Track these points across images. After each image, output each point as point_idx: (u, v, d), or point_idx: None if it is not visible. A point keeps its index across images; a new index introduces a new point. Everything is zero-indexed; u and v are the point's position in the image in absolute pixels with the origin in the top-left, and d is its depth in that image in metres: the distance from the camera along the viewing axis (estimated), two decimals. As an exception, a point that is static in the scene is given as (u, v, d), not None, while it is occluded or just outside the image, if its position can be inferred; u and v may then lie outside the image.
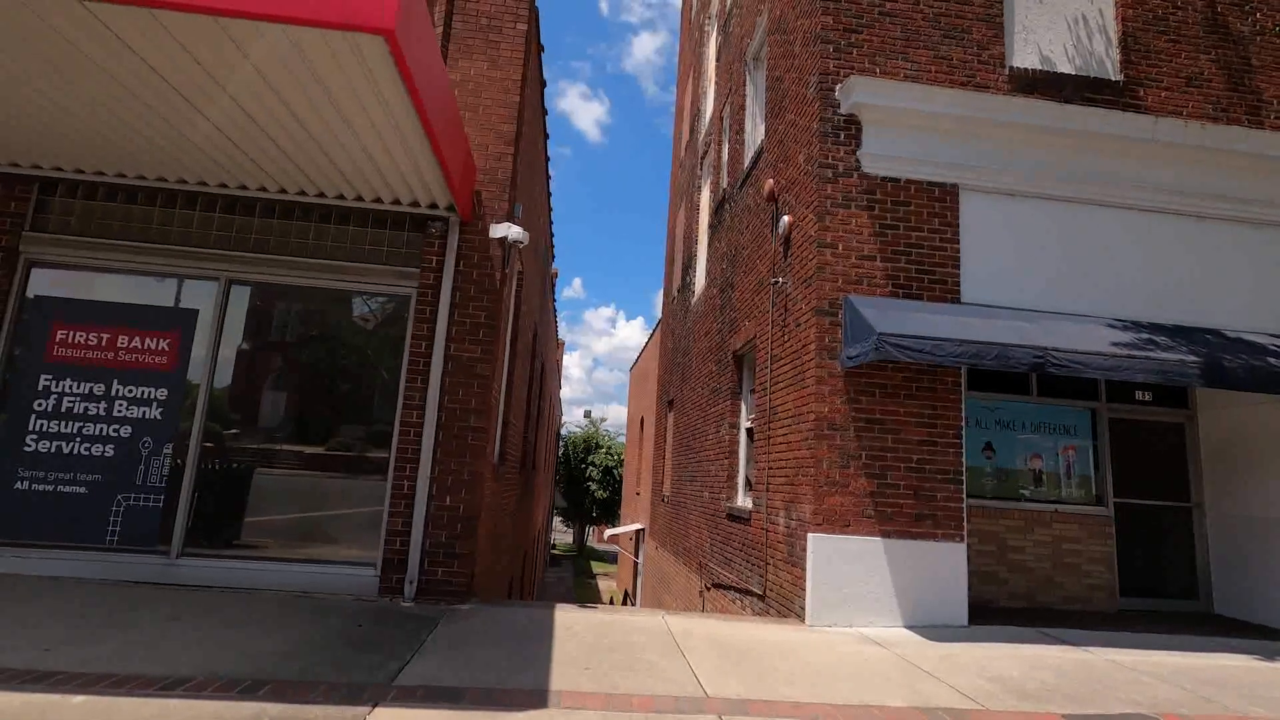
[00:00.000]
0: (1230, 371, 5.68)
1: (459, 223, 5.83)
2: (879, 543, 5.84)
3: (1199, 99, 6.99)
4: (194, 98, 4.20)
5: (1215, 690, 4.47)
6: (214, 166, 5.31)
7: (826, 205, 6.33)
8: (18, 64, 3.98)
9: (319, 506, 5.72)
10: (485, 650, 4.22)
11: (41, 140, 5.07)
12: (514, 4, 6.25)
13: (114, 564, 5.21)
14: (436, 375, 5.61)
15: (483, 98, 6.09)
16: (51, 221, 5.68)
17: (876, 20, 6.73)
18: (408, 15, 3.45)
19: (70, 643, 3.74)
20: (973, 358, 5.40)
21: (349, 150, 4.80)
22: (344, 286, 5.88)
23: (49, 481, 5.39)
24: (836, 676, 4.26)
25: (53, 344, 5.52)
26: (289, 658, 3.77)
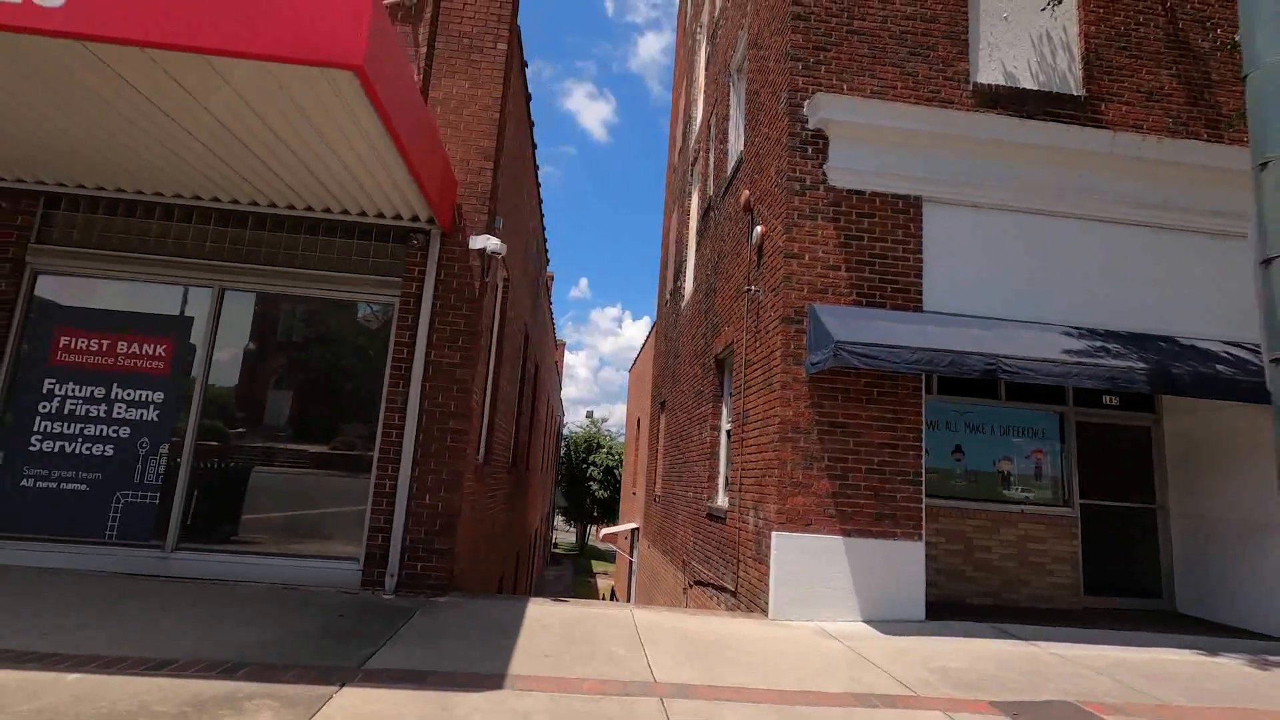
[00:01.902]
0: (1177, 378, 5.91)
1: (440, 235, 6.13)
2: (840, 541, 6.10)
3: (1159, 113, 7.22)
4: (184, 122, 4.51)
5: (1148, 682, 4.72)
6: (207, 182, 5.63)
7: (794, 217, 6.60)
8: (21, 91, 4.30)
9: (306, 504, 6.03)
10: (456, 640, 4.51)
11: (46, 158, 5.39)
12: (495, 25, 6.54)
13: (112, 557, 5.54)
14: (417, 380, 5.91)
15: (464, 114, 6.39)
16: (56, 233, 6.01)
17: (845, 38, 6.98)
18: (376, 50, 3.74)
19: (67, 629, 4.05)
20: (927, 364, 5.65)
21: (332, 169, 5.10)
22: (331, 295, 6.19)
23: (52, 479, 5.72)
24: (785, 666, 4.53)
25: (56, 349, 5.85)
26: (270, 644, 4.06)
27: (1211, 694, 4.51)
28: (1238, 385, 5.98)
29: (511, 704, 3.44)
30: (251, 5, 3.54)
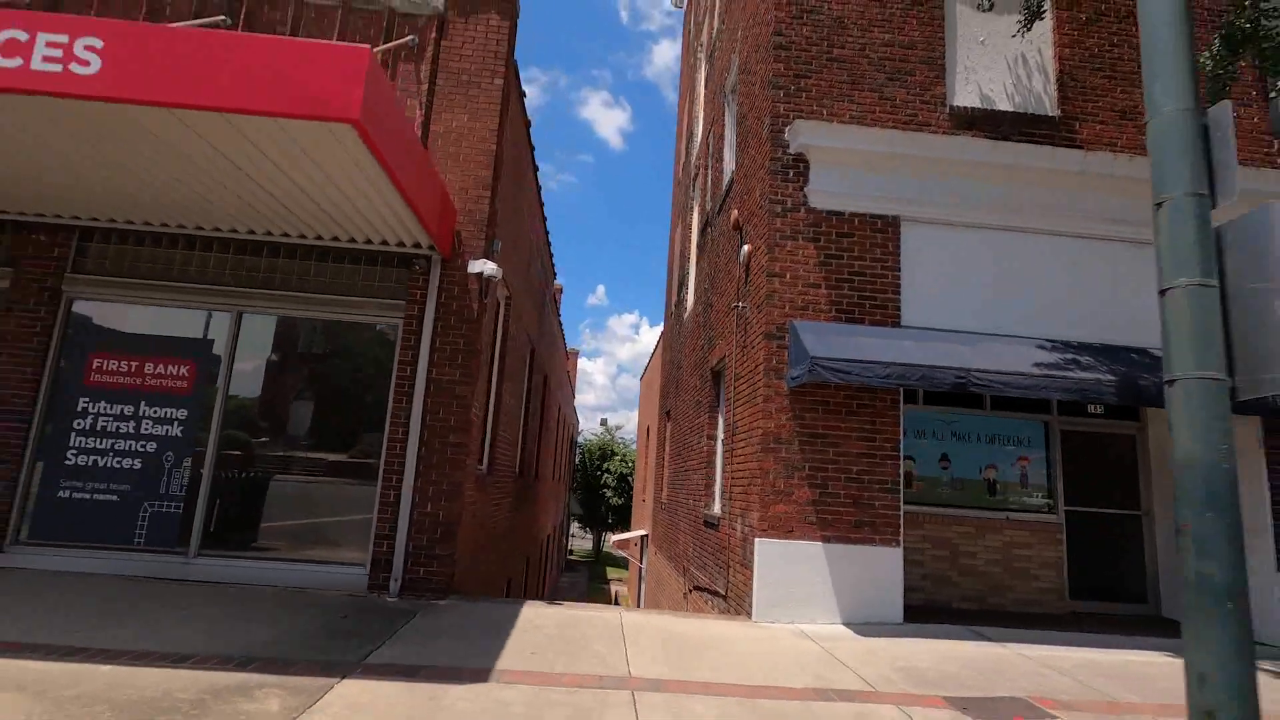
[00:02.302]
0: (1144, 389, 6.14)
1: (440, 260, 6.55)
2: (820, 547, 6.39)
3: (1133, 131, 7.45)
4: (205, 166, 4.97)
5: (1106, 681, 4.96)
6: (226, 216, 6.10)
7: (776, 238, 6.93)
8: (60, 143, 4.78)
9: (318, 512, 6.46)
10: (451, 639, 4.88)
11: (80, 196, 5.90)
12: (491, 62, 6.97)
13: (140, 562, 6.00)
14: (420, 396, 6.32)
15: (463, 146, 6.81)
16: (90, 264, 6.53)
17: (824, 66, 7.32)
18: (372, 104, 4.16)
19: (100, 627, 4.49)
20: (899, 378, 5.95)
21: (338, 204, 5.54)
22: (340, 317, 6.63)
23: (86, 490, 6.21)
24: (757, 664, 4.84)
25: (90, 370, 6.35)
26: (280, 641, 4.47)
27: (1167, 693, 4.75)
28: None
29: (495, 695, 3.80)
30: (262, 69, 3.98)
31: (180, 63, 3.97)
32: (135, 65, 3.94)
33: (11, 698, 3.23)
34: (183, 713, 3.22)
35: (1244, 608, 2.72)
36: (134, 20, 6.71)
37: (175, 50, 4.00)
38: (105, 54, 3.94)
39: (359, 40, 6.97)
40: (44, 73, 3.91)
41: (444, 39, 6.99)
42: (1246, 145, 7.52)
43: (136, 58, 3.95)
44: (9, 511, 6.06)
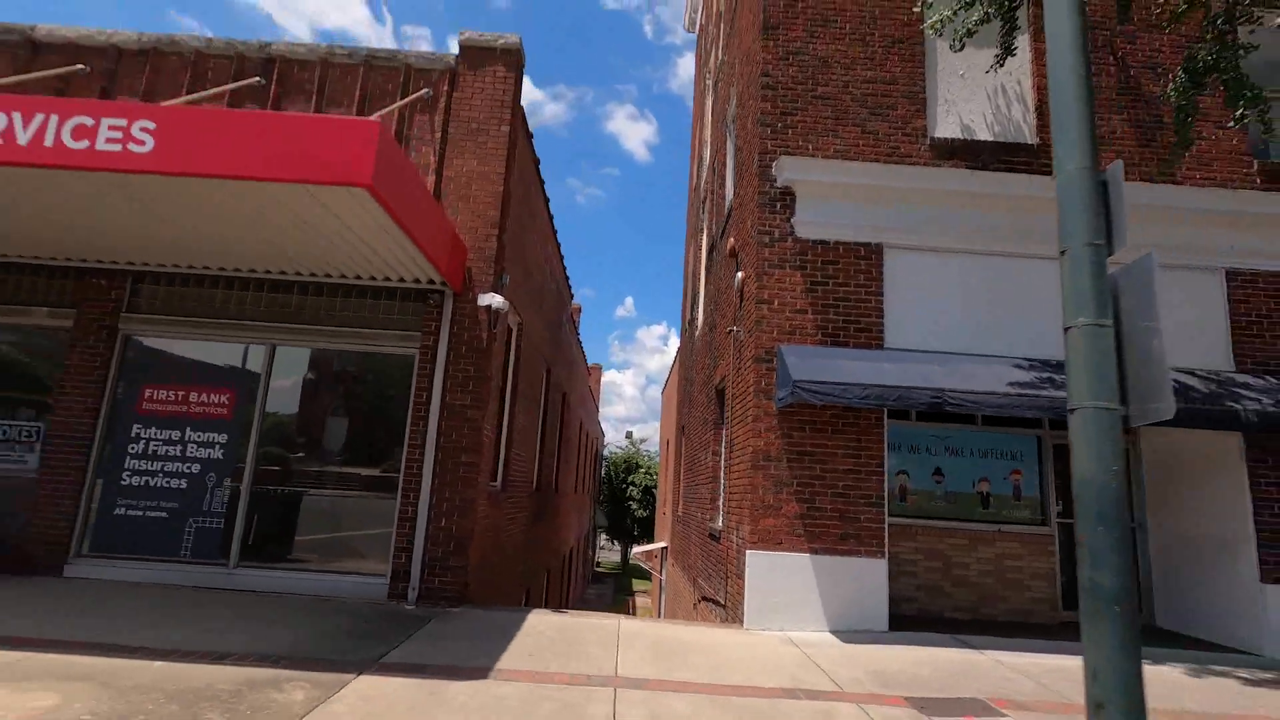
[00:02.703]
0: (1116, 407, 6.40)
1: (453, 294, 7.14)
2: (808, 559, 6.78)
3: (1110, 156, 7.73)
4: (242, 220, 5.63)
5: (1068, 684, 5.25)
6: (261, 259, 6.79)
7: (764, 267, 7.37)
8: (118, 205, 5.48)
9: (344, 527, 7.06)
10: (459, 641, 5.40)
11: (133, 245, 6.63)
12: (498, 110, 7.58)
13: (186, 572, 6.66)
14: (434, 420, 6.89)
15: (473, 189, 7.42)
16: (142, 304, 7.27)
17: (810, 104, 7.77)
18: (383, 168, 4.76)
19: (153, 629, 5.10)
20: (877, 399, 6.33)
21: (359, 249, 6.17)
22: (363, 348, 7.26)
23: (139, 508, 6.91)
24: (736, 667, 5.26)
25: (142, 400, 7.07)
26: (307, 643, 5.03)
27: (1121, 695, 5.02)
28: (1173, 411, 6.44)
29: (491, 690, 4.30)
30: (287, 143, 4.61)
31: (219, 139, 4.62)
32: (182, 143, 4.60)
33: (84, 686, 3.83)
34: (222, 701, 3.78)
35: (1130, 611, 3.08)
36: (180, 84, 7.50)
37: (215, 129, 4.65)
38: (157, 134, 4.60)
39: (380, 93, 7.65)
40: (107, 152, 4.58)
41: (455, 90, 7.62)
42: (1226, 166, 7.76)
43: (183, 137, 4.60)
44: (73, 528, 6.78)
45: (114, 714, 3.49)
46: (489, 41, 7.72)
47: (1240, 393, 6.75)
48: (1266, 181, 7.70)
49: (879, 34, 7.95)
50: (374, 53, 7.68)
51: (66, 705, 3.56)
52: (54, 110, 4.62)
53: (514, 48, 7.74)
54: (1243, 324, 7.40)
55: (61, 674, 4.02)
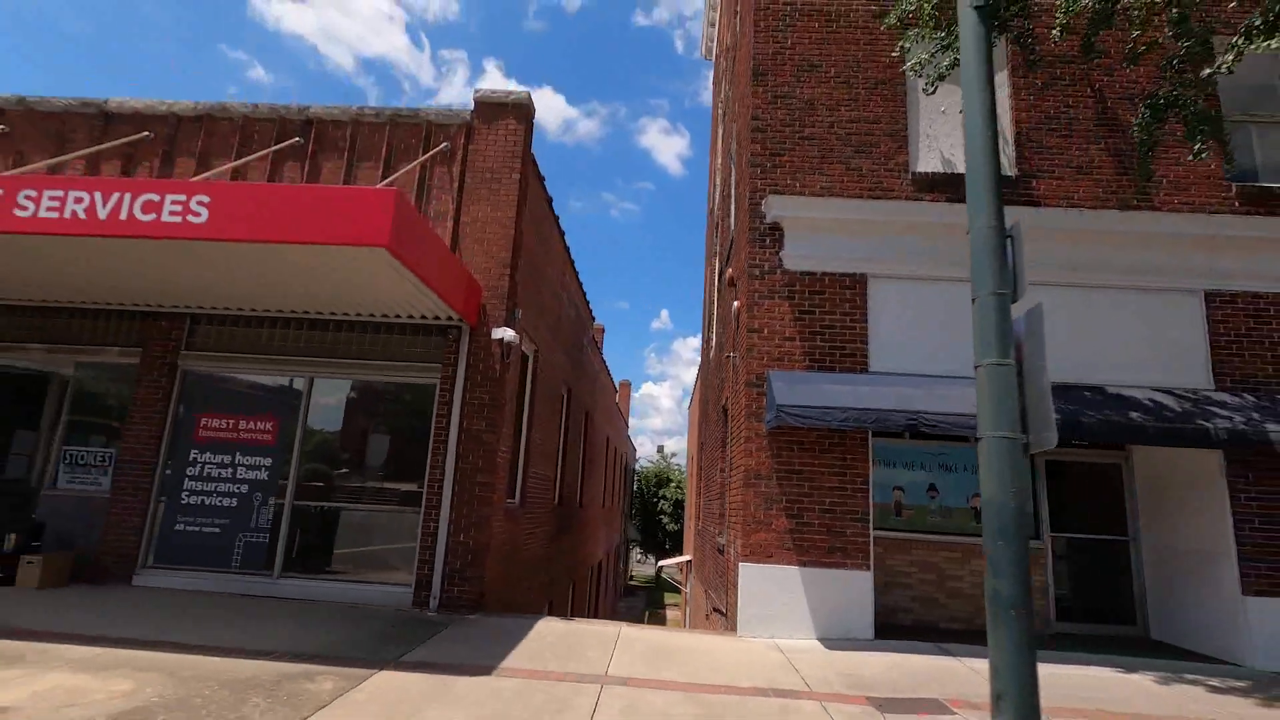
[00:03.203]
0: (1086, 426, 6.77)
1: (469, 329, 7.88)
2: (797, 571, 7.25)
3: (1089, 184, 8.09)
4: (282, 273, 6.45)
5: (1031, 689, 5.62)
6: (301, 302, 7.63)
7: (754, 298, 7.93)
8: (178, 264, 6.35)
9: (374, 540, 7.81)
10: (470, 644, 6.05)
11: (191, 292, 7.54)
12: (510, 160, 8.34)
13: (236, 581, 7.48)
14: (453, 444, 7.61)
15: (487, 232, 8.17)
16: (198, 342, 8.20)
17: (797, 144, 8.33)
18: (400, 228, 5.50)
19: (208, 630, 5.88)
20: (855, 422, 6.81)
21: (384, 294, 6.95)
22: (390, 379, 8.05)
23: (196, 524, 7.77)
24: (719, 669, 5.78)
25: (198, 428, 7.97)
26: (337, 644, 5.74)
27: (1073, 698, 5.40)
28: (1144, 430, 6.78)
29: (491, 684, 4.93)
30: (318, 211, 5.39)
31: (261, 210, 5.42)
32: (231, 214, 5.42)
33: (153, 675, 4.59)
34: (264, 688, 4.49)
35: (1025, 615, 3.55)
36: (230, 146, 8.46)
37: (257, 201, 5.46)
38: (211, 207, 5.43)
39: (404, 147, 8.48)
40: (170, 223, 5.43)
41: (471, 143, 8.41)
42: (1204, 191, 8.03)
43: (231, 209, 5.43)
44: (140, 542, 7.68)
45: (177, 697, 4.23)
46: (501, 98, 8.50)
47: (1214, 411, 7.02)
48: (1245, 205, 7.95)
49: (862, 76, 8.48)
50: (398, 111, 8.53)
51: (139, 690, 4.31)
52: (127, 189, 5.50)
53: (524, 102, 8.50)
54: (1222, 343, 7.65)
55: (134, 665, 4.79)
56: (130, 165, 8.44)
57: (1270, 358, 7.59)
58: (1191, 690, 5.91)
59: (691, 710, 4.65)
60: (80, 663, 4.78)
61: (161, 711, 3.98)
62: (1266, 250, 7.75)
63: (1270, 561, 7.07)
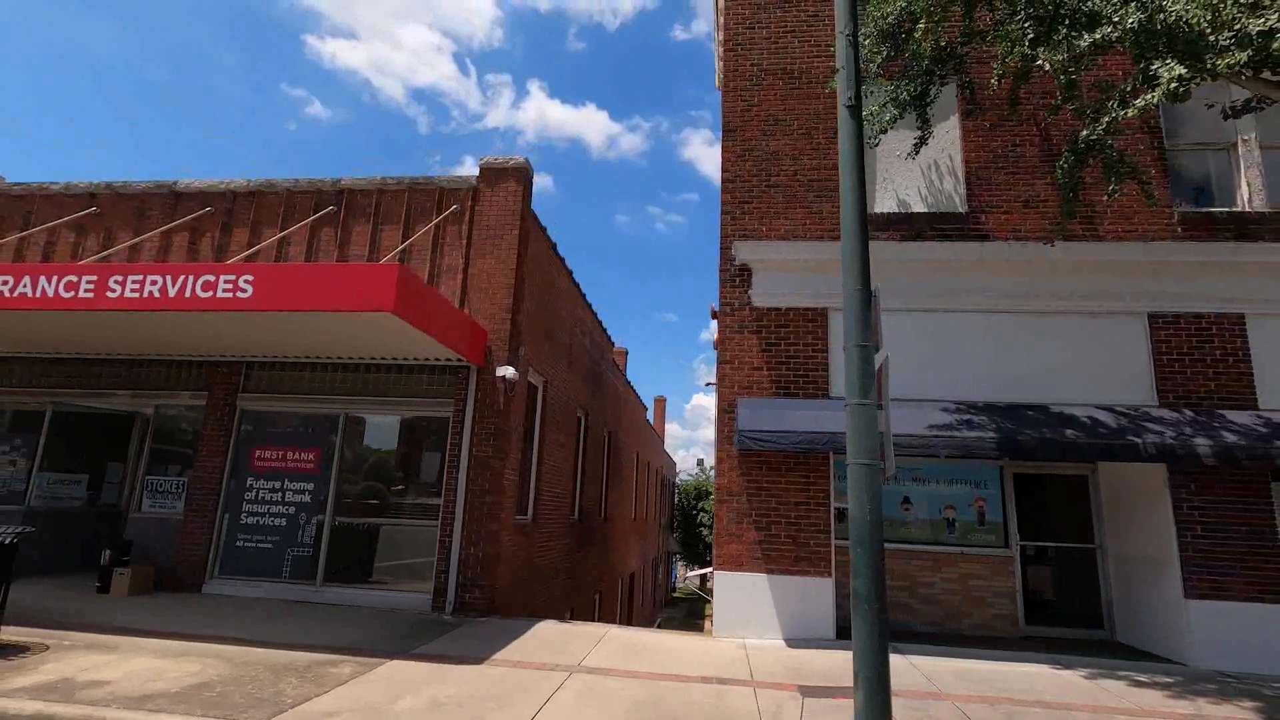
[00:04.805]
0: (1022, 444, 7.44)
1: (476, 368, 9.06)
2: (765, 578, 8.09)
3: (1035, 217, 8.73)
4: (315, 329, 7.76)
5: (955, 680, 6.35)
6: (334, 351, 8.96)
7: (727, 332, 8.86)
8: (233, 328, 7.73)
9: (400, 554, 9.03)
10: (474, 641, 7.13)
11: (245, 346, 8.96)
12: (510, 218, 9.53)
13: (285, 589, 8.80)
14: (464, 469, 8.77)
15: (492, 282, 9.36)
16: (253, 385, 9.64)
17: (764, 192, 9.25)
18: (404, 294, 6.70)
19: (258, 628, 7.15)
20: (808, 444, 7.66)
21: (398, 344, 8.19)
22: (411, 413, 9.29)
23: (252, 540, 9.15)
24: (681, 663, 6.70)
25: (254, 458, 9.37)
26: (362, 640, 6.91)
27: (993, 687, 6.11)
28: (1078, 447, 7.40)
29: (481, 671, 5.99)
30: (339, 284, 6.64)
31: (296, 284, 6.71)
32: (271, 289, 6.72)
33: (215, 661, 5.84)
34: (298, 671, 5.67)
35: (878, 609, 4.38)
36: (277, 214, 9.91)
37: (291, 278, 6.75)
38: (255, 284, 6.74)
39: (420, 209, 9.77)
40: (224, 298, 6.76)
41: (477, 205, 9.64)
42: (1147, 219, 8.57)
43: (271, 285, 6.73)
44: (208, 556, 9.10)
45: (233, 676, 5.44)
46: (502, 163, 9.71)
47: (1148, 427, 7.58)
48: (1186, 230, 8.46)
49: (823, 127, 9.35)
50: (415, 180, 9.84)
51: (204, 670, 5.55)
52: (190, 272, 6.87)
53: (522, 166, 9.70)
54: (1164, 362, 8.17)
55: (200, 654, 6.05)
56: (196, 236, 10.00)
57: (1212, 375, 8.07)
58: (1113, 685, 6.51)
59: (638, 692, 5.60)
60: (160, 651, 6.07)
61: (219, 685, 5.19)
62: (1207, 273, 8.24)
63: (1209, 567, 7.55)
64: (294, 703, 4.89)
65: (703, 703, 5.42)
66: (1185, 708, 5.82)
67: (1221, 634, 7.40)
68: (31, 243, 10.31)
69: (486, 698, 5.25)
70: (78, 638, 6.38)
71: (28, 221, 10.46)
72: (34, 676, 5.19)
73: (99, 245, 10.13)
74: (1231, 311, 8.20)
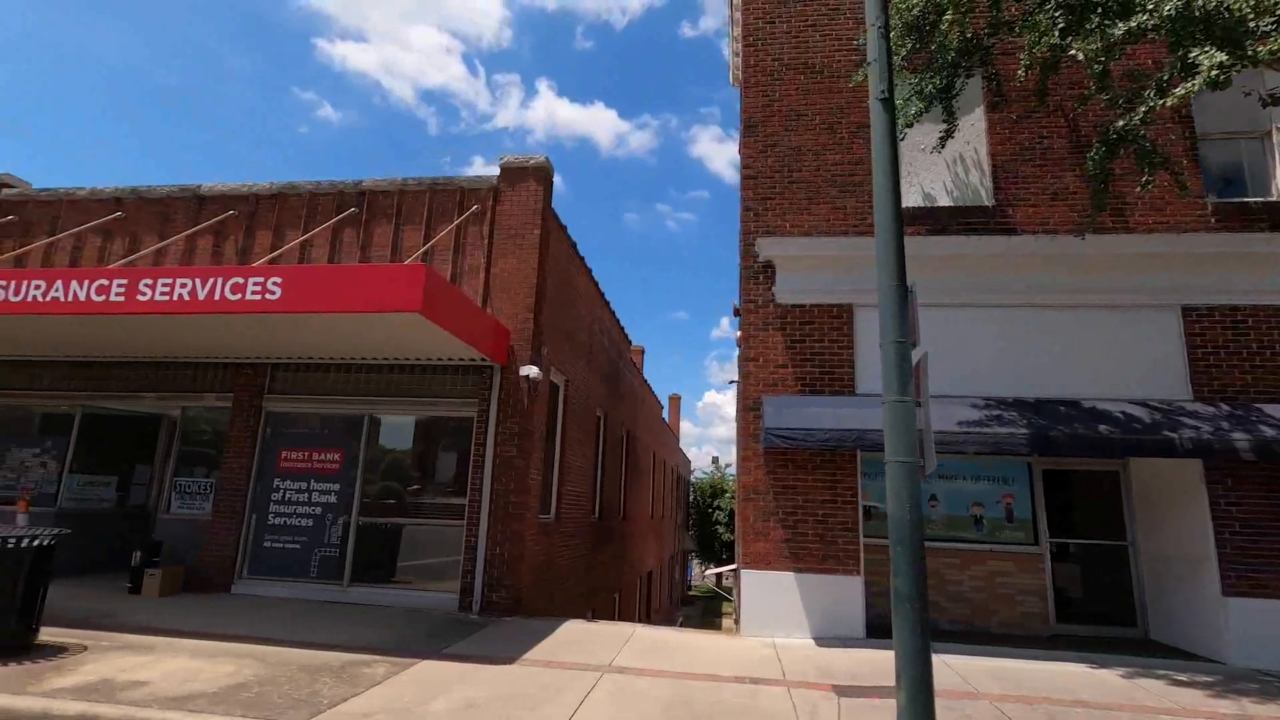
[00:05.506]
0: (1054, 440, 7.33)
1: (499, 368, 9.06)
2: (792, 577, 8.04)
3: (1064, 209, 8.60)
4: (342, 331, 7.79)
5: (988, 679, 6.27)
6: (358, 352, 9.00)
7: (750, 330, 8.80)
8: (261, 330, 7.77)
9: (425, 553, 9.05)
10: (501, 640, 7.14)
11: (271, 347, 9.02)
12: (531, 217, 9.51)
13: (313, 589, 8.85)
14: (489, 468, 8.78)
15: (513, 282, 9.35)
16: (278, 386, 9.69)
17: (786, 188, 9.17)
18: (431, 296, 6.71)
19: (289, 628, 7.18)
20: (836, 442, 7.60)
21: (424, 344, 8.21)
22: (435, 413, 9.31)
23: (280, 541, 9.21)
24: (710, 662, 6.66)
25: (280, 460, 9.43)
26: (391, 639, 6.93)
27: (1023, 686, 6.03)
28: (1111, 442, 7.28)
29: (510, 671, 5.99)
30: (366, 285, 6.66)
31: (322, 287, 6.73)
32: (299, 291, 6.75)
33: (249, 661, 5.87)
34: (332, 671, 5.69)
35: (919, 608, 4.33)
36: (300, 217, 9.96)
37: (319, 280, 6.78)
38: (284, 286, 6.77)
39: (442, 210, 9.78)
40: (253, 300, 6.80)
41: (498, 204, 9.64)
42: (1180, 210, 8.42)
43: (300, 287, 6.75)
44: (236, 556, 9.17)
45: (268, 676, 5.47)
46: (522, 163, 9.70)
47: (1183, 421, 7.44)
48: (1220, 221, 8.30)
49: (845, 122, 9.26)
50: (436, 180, 9.86)
51: (239, 671, 5.58)
52: (219, 275, 6.91)
53: (543, 165, 9.68)
54: (1199, 355, 8.02)
55: (234, 654, 6.09)
56: (220, 240, 10.08)
57: (1249, 368, 7.92)
58: (1151, 684, 6.40)
59: (670, 692, 5.57)
60: (195, 651, 6.12)
61: (256, 686, 5.22)
62: (1242, 265, 8.08)
63: (1248, 564, 7.40)
64: (331, 703, 4.90)
65: (737, 703, 5.38)
66: (1228, 707, 5.71)
67: (1261, 632, 7.25)
68: (59, 248, 10.43)
69: (520, 698, 5.24)
70: (113, 638, 6.44)
71: (55, 227, 10.58)
72: (74, 677, 5.24)
73: (124, 250, 10.23)
74: (1268, 303, 8.03)
